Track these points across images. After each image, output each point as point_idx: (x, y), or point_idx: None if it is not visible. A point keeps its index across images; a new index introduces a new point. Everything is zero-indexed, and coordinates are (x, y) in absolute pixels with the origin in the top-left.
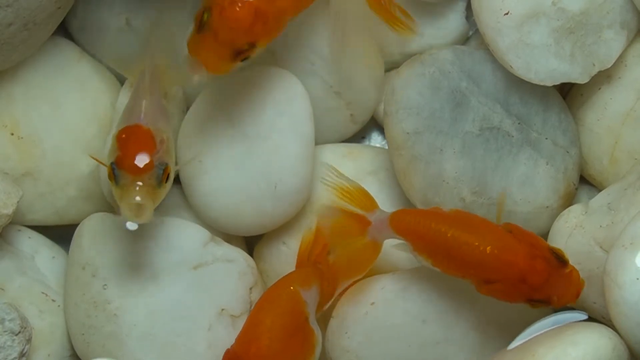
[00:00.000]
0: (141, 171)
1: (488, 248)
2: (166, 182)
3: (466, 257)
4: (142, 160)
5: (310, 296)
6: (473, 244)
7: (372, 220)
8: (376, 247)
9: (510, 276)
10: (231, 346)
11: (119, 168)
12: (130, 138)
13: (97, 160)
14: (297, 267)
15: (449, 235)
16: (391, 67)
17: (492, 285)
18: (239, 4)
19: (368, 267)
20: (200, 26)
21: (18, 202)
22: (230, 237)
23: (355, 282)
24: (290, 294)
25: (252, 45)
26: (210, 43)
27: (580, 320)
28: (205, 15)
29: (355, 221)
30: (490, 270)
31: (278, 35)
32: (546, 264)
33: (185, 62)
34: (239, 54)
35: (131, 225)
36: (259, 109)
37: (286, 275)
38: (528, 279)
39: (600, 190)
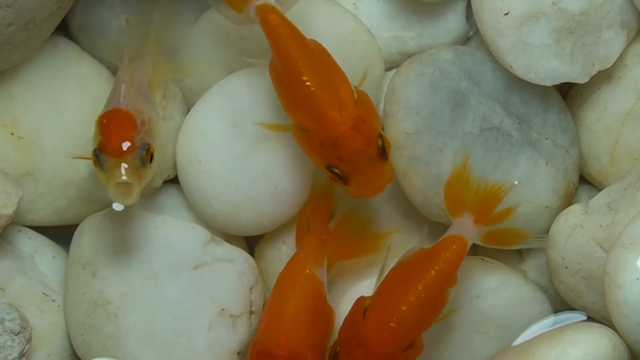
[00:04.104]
0: (124, 153)
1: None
2: (150, 162)
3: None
4: (123, 142)
5: (324, 274)
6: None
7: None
8: None
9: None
10: (256, 337)
11: (102, 152)
12: (110, 122)
13: (80, 158)
14: (297, 236)
15: None
16: (391, 67)
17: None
18: (349, 138)
19: None
20: (341, 179)
21: (18, 202)
22: (231, 237)
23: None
24: (308, 277)
25: (383, 151)
26: (366, 166)
27: (580, 320)
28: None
29: None
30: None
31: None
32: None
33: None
34: (382, 153)
35: (118, 207)
36: (259, 109)
37: (297, 256)
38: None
39: (600, 190)
